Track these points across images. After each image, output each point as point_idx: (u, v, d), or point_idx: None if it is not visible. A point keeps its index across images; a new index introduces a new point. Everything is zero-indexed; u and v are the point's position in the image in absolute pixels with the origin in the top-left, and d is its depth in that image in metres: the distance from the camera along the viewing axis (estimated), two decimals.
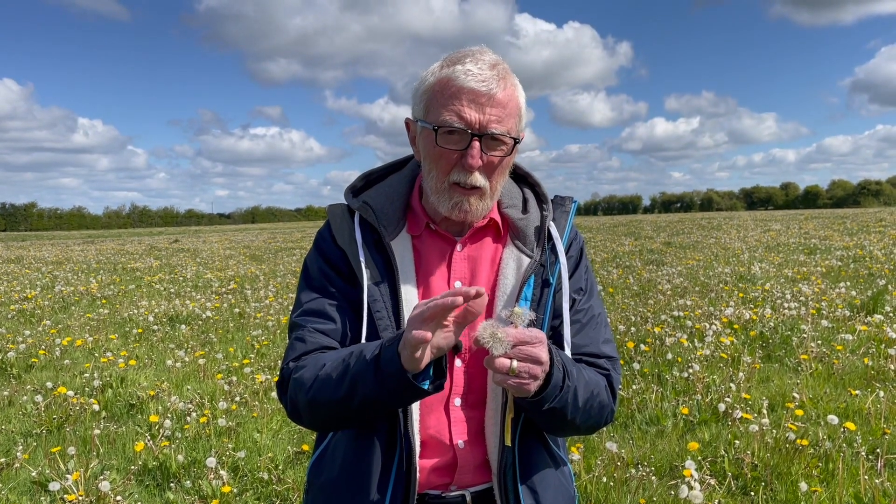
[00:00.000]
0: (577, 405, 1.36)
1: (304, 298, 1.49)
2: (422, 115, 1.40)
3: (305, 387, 1.35)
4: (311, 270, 1.51)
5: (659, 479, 4.02)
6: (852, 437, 4.29)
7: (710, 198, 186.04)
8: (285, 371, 1.43)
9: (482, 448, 1.45)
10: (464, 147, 1.35)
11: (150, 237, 52.30)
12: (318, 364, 1.36)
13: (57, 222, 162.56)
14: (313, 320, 1.45)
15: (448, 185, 1.39)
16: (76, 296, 12.92)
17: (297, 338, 1.45)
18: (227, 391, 5.84)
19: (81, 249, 31.83)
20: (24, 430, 5.24)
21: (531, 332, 1.23)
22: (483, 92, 1.33)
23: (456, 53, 1.40)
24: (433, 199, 1.44)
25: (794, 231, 26.48)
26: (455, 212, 1.41)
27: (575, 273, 1.53)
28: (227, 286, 13.81)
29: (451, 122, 1.34)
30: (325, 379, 1.33)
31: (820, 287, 10.33)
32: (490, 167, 1.39)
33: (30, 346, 7.93)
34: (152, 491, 4.19)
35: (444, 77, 1.36)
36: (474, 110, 1.34)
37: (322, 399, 1.33)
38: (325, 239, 1.52)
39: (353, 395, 1.29)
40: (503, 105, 1.35)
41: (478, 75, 1.33)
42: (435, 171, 1.40)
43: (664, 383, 5.74)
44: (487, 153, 1.36)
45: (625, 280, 12.70)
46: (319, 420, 1.40)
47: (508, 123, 1.37)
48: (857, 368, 6.01)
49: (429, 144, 1.39)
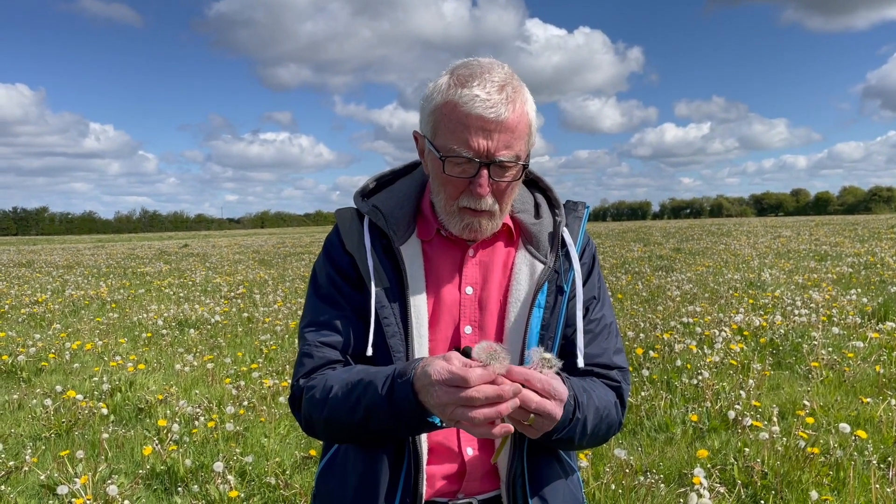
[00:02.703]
0: (586, 433, 1.34)
1: (311, 308, 1.48)
2: (429, 134, 1.38)
3: (318, 408, 1.35)
4: (320, 278, 1.50)
5: (667, 487, 4.00)
6: (863, 446, 4.25)
7: (720, 204, 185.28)
8: (296, 388, 1.43)
9: (491, 456, 1.44)
10: (472, 175, 1.33)
11: (160, 241, 52.54)
12: (327, 387, 1.35)
13: (68, 227, 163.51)
14: (320, 333, 1.44)
15: (458, 209, 1.38)
16: (86, 300, 12.98)
17: (304, 353, 1.44)
18: (235, 396, 5.85)
19: (92, 254, 31.99)
20: (33, 434, 5.26)
21: (556, 388, 1.19)
22: (491, 119, 1.29)
23: (464, 69, 1.34)
24: (443, 219, 1.43)
25: (804, 237, 26.33)
26: (466, 232, 1.41)
27: (588, 280, 1.51)
28: (235, 291, 13.84)
29: (458, 152, 1.31)
30: (336, 405, 1.32)
31: (831, 294, 10.26)
32: (499, 191, 1.37)
33: (40, 350, 7.97)
34: (160, 495, 4.19)
35: (452, 101, 1.32)
36: (482, 137, 1.30)
37: (337, 422, 1.34)
38: (333, 244, 1.50)
39: (367, 423, 1.29)
40: (512, 129, 1.32)
41: (486, 101, 1.29)
42: (443, 193, 1.39)
43: (673, 390, 5.71)
44: (496, 180, 1.34)
45: (634, 286, 12.66)
46: (337, 437, 1.41)
47: (517, 147, 1.34)
48: (868, 376, 5.96)
49: (437, 170, 1.37)
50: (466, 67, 1.35)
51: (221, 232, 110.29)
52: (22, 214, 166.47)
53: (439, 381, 1.13)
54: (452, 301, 1.44)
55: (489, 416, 1.11)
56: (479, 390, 1.10)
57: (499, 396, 1.10)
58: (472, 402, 1.10)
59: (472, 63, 1.36)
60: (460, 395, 1.11)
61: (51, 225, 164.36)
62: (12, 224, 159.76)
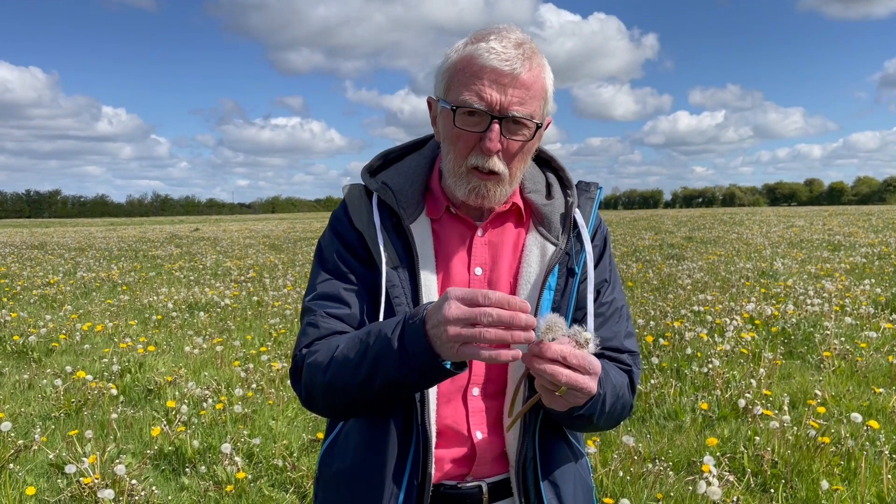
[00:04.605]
0: (604, 410, 1.31)
1: (317, 281, 1.43)
2: (442, 93, 1.34)
3: (321, 370, 1.30)
4: (326, 252, 1.45)
5: (676, 475, 3.97)
6: (875, 436, 4.21)
7: (733, 193, 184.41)
8: (298, 357, 1.37)
9: (500, 439, 1.41)
10: (483, 129, 1.29)
11: (172, 225, 52.78)
12: (332, 346, 1.30)
13: (80, 209, 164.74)
14: (327, 304, 1.39)
15: (466, 169, 1.33)
16: (97, 282, 13.05)
17: (309, 323, 1.39)
18: (244, 378, 5.86)
19: (104, 236, 32.17)
20: (43, 413, 5.29)
21: (592, 362, 1.17)
22: (506, 72, 1.26)
23: (482, 30, 1.33)
24: (450, 182, 1.38)
25: (817, 227, 26.13)
26: (472, 196, 1.36)
27: (600, 263, 1.48)
28: (245, 274, 13.88)
29: (470, 102, 1.27)
30: (342, 361, 1.27)
31: (843, 284, 10.17)
32: (510, 152, 1.32)
33: (51, 331, 8.01)
34: (168, 475, 4.21)
35: (467, 55, 1.29)
36: (496, 91, 1.27)
37: (340, 382, 1.27)
38: (340, 220, 1.46)
39: (374, 376, 1.23)
40: (527, 86, 1.28)
41: (501, 53, 1.26)
42: (453, 152, 1.34)
43: (683, 378, 5.67)
44: (508, 137, 1.30)
45: (644, 274, 12.60)
46: (336, 405, 1.35)
47: (532, 106, 1.30)
48: (881, 366, 5.90)
49: (447, 125, 1.33)
50: (484, 28, 1.34)
51: (232, 216, 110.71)
52: (35, 197, 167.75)
53: (456, 297, 1.11)
54: (461, 281, 1.41)
55: (501, 337, 1.09)
56: (494, 309, 1.09)
57: (512, 319, 1.08)
58: (484, 319, 1.08)
59: (490, 26, 1.34)
60: (474, 309, 1.09)
61: (63, 208, 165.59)
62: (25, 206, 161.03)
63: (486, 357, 1.11)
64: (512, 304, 1.10)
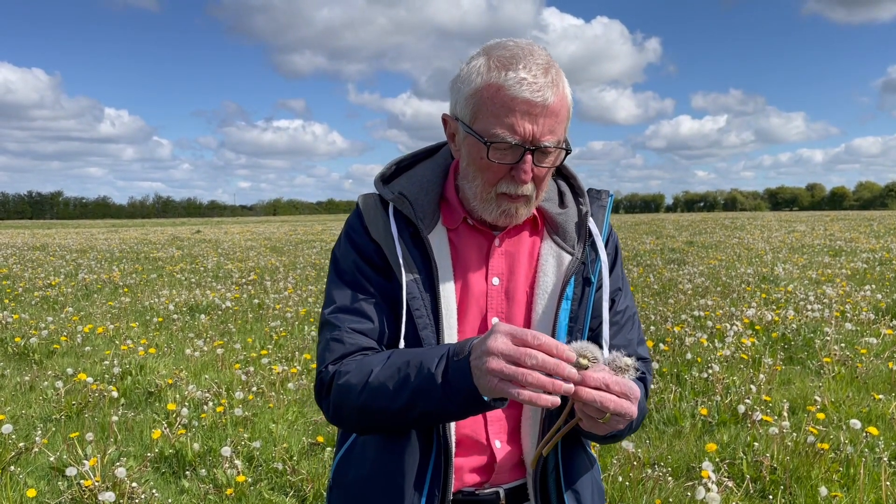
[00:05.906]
0: (632, 425, 1.33)
1: (336, 294, 1.41)
2: (468, 119, 1.32)
3: (354, 392, 1.28)
4: (343, 264, 1.43)
5: (675, 480, 3.98)
6: (874, 443, 4.21)
7: (734, 198, 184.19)
8: (325, 375, 1.35)
9: (519, 447, 1.42)
10: (516, 161, 1.29)
11: (173, 227, 52.83)
12: (366, 370, 1.29)
13: (82, 211, 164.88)
14: (349, 319, 1.37)
15: (495, 195, 1.34)
16: (98, 284, 13.07)
17: (334, 339, 1.37)
18: (244, 381, 5.87)
19: (105, 238, 32.21)
20: (43, 416, 5.30)
21: (632, 387, 1.14)
22: (538, 102, 1.25)
23: (503, 51, 1.29)
24: (475, 206, 1.38)
25: (819, 232, 26.13)
26: (502, 219, 1.36)
27: (613, 271, 1.49)
28: (247, 277, 13.89)
29: (503, 137, 1.26)
30: (378, 388, 1.25)
31: (844, 289, 10.17)
32: (539, 177, 1.33)
33: (52, 333, 8.03)
34: (168, 478, 4.22)
35: (496, 84, 1.26)
36: (528, 122, 1.25)
37: (375, 408, 1.27)
38: (357, 230, 1.43)
39: (412, 407, 1.23)
40: (556, 113, 1.27)
41: (533, 84, 1.24)
42: (481, 179, 1.34)
43: (683, 383, 5.68)
44: (538, 165, 1.30)
45: (645, 279, 12.60)
46: (367, 426, 1.35)
47: (560, 132, 1.30)
48: (881, 373, 5.91)
49: (477, 156, 1.32)
50: (505, 49, 1.29)
51: (234, 219, 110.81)
52: (37, 198, 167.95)
53: (504, 332, 1.10)
54: (479, 292, 1.41)
55: (542, 384, 1.06)
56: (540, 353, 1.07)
57: (557, 367, 1.06)
58: (528, 360, 1.06)
59: (508, 44, 1.31)
60: (521, 349, 1.07)
61: (65, 209, 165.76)
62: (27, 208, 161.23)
63: (525, 399, 1.08)
64: (560, 351, 1.08)
